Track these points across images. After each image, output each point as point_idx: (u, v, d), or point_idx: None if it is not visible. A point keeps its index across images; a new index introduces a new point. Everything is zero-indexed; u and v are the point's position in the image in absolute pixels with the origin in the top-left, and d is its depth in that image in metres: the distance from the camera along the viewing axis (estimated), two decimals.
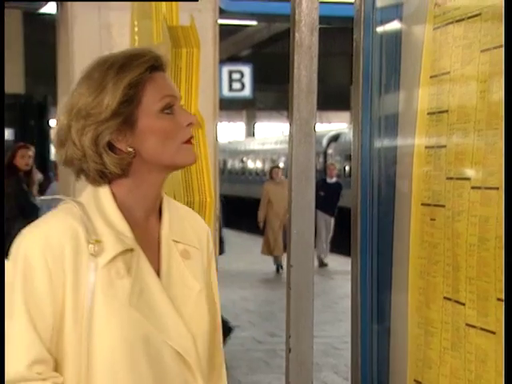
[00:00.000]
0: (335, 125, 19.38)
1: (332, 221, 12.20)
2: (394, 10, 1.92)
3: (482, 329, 1.53)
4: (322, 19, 2.38)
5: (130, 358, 1.35)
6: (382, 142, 2.00)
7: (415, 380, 1.78)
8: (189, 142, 1.43)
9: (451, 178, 1.66)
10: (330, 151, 17.80)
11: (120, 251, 1.39)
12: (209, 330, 1.47)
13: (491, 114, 1.52)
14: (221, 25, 4.42)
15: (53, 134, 1.48)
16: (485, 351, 1.52)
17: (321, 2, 2.25)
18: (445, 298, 1.67)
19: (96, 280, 1.36)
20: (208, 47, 3.75)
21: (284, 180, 11.45)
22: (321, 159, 17.78)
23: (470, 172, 1.59)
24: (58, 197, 1.46)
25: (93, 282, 1.35)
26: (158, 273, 1.45)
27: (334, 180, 12.43)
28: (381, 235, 2.00)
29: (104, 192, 1.43)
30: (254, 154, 19.28)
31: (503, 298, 1.08)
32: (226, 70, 10.16)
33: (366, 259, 2.00)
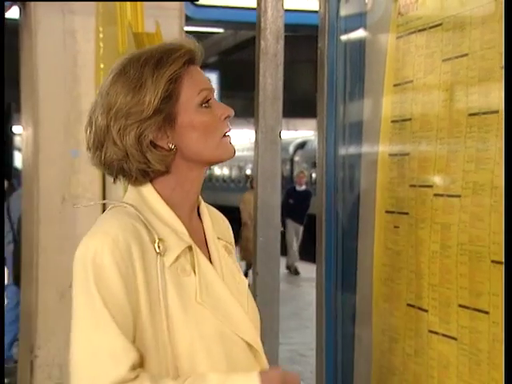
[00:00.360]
0: (302, 132, 19.47)
1: (301, 229, 12.24)
2: (358, 19, 1.94)
3: (444, 335, 1.54)
4: (288, 27, 2.40)
5: (208, 351, 1.35)
6: (346, 150, 2.01)
7: None
8: (226, 135, 1.42)
9: (414, 186, 1.68)
10: (296, 158, 17.87)
11: (183, 249, 1.38)
12: (260, 323, 1.49)
13: (453, 122, 1.54)
14: (187, 32, 4.41)
15: (88, 137, 1.41)
16: (447, 357, 1.53)
17: (286, 10, 2.26)
18: (408, 304, 1.68)
19: (166, 278, 1.34)
20: None
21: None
22: (287, 166, 17.83)
23: (432, 180, 1.61)
24: (105, 201, 1.43)
25: (163, 281, 1.34)
26: None
27: (303, 188, 12.48)
28: (345, 242, 2.01)
29: (149, 191, 1.41)
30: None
31: (503, 296, 1.08)
32: None
33: (331, 266, 2.01)
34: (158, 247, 1.35)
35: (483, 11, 1.45)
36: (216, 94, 1.46)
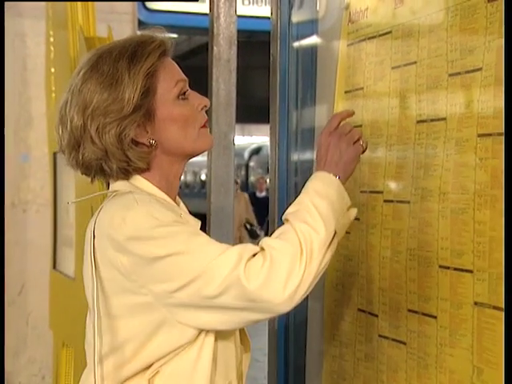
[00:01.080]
0: (257, 138, 19.51)
1: (262, 234, 12.28)
2: (310, 26, 1.95)
3: (394, 339, 1.56)
4: (243, 33, 2.40)
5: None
6: (299, 156, 2.02)
7: None
8: (205, 125, 1.40)
9: (365, 192, 1.69)
10: (251, 164, 17.91)
11: (200, 224, 1.39)
12: None
13: (402, 129, 1.56)
14: None
15: (61, 137, 1.38)
16: (396, 361, 1.55)
17: (239, 16, 2.26)
18: (359, 309, 1.70)
19: None
20: None
21: (240, 193, 11.11)
22: (243, 172, 17.85)
23: (382, 186, 1.62)
24: (101, 193, 1.41)
25: None
26: None
27: (263, 194, 12.49)
28: None
29: (139, 180, 1.38)
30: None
31: (503, 298, 1.09)
32: None
33: None
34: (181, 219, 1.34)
35: (431, 20, 1.48)
36: None
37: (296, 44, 2.00)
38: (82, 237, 1.38)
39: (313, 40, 1.97)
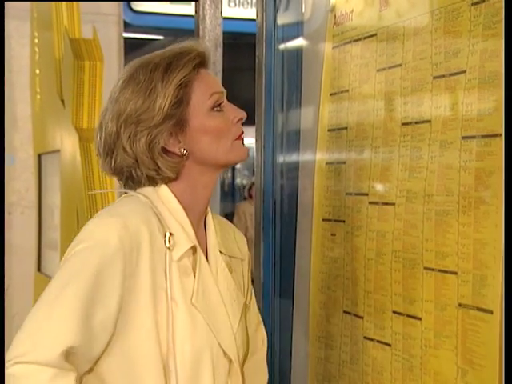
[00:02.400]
0: (244, 140, 19.54)
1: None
2: (296, 28, 1.95)
3: (379, 341, 1.56)
4: (228, 35, 2.40)
5: (198, 355, 1.33)
6: (284, 158, 2.02)
7: None
8: (239, 138, 1.41)
9: (350, 194, 1.69)
10: (238, 166, 17.94)
11: (190, 246, 1.37)
12: (246, 344, 1.47)
13: (387, 131, 1.56)
14: (126, 38, 4.38)
15: (98, 143, 1.39)
16: (381, 363, 1.55)
17: (225, 18, 2.26)
18: (344, 311, 1.70)
19: (173, 273, 1.33)
20: (113, 61, 3.70)
21: (243, 204, 10.81)
22: (229, 174, 17.87)
23: (367, 188, 1.63)
24: (119, 190, 1.41)
25: (170, 275, 1.32)
26: None
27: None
28: (283, 250, 2.01)
29: (164, 189, 1.39)
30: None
31: (503, 301, 1.09)
32: None
33: (269, 274, 2.01)
34: (169, 241, 1.34)
35: (416, 23, 1.48)
36: None
37: (281, 46, 2.01)
38: (66, 239, 1.37)
39: (298, 42, 1.97)
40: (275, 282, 2.02)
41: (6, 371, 1.22)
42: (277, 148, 2.03)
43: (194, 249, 1.38)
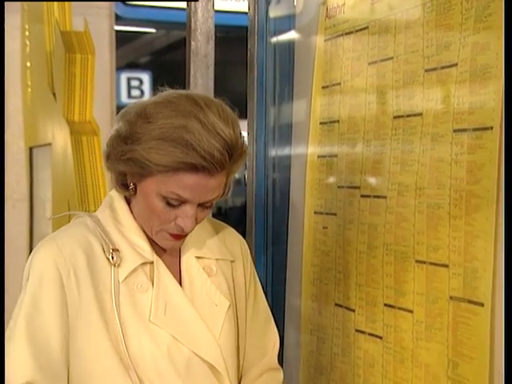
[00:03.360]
0: None
1: None
2: (288, 21, 1.95)
3: (370, 334, 1.57)
4: (220, 28, 2.39)
5: (156, 369, 1.32)
6: (276, 151, 2.02)
7: None
8: (172, 234, 1.35)
9: (342, 187, 1.69)
10: None
11: (140, 263, 1.35)
12: (235, 349, 1.45)
13: (379, 124, 1.56)
14: (118, 31, 4.36)
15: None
16: (372, 356, 1.56)
17: (217, 11, 2.25)
18: (336, 304, 1.70)
19: (120, 291, 1.32)
20: (104, 53, 3.69)
21: None
22: None
23: (359, 181, 1.63)
24: (71, 212, 1.40)
25: (116, 294, 1.31)
26: None
27: None
28: (275, 243, 2.02)
29: (120, 204, 1.39)
30: None
31: (503, 297, 1.09)
32: (124, 76, 10.04)
33: (261, 267, 2.02)
34: (112, 258, 1.33)
35: (407, 15, 1.48)
36: (149, 95, 1.43)
37: (273, 39, 2.00)
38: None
39: (290, 35, 1.97)
40: (267, 275, 2.02)
41: None
42: (269, 141, 2.03)
43: (151, 263, 1.37)
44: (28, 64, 3.60)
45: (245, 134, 2.03)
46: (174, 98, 1.32)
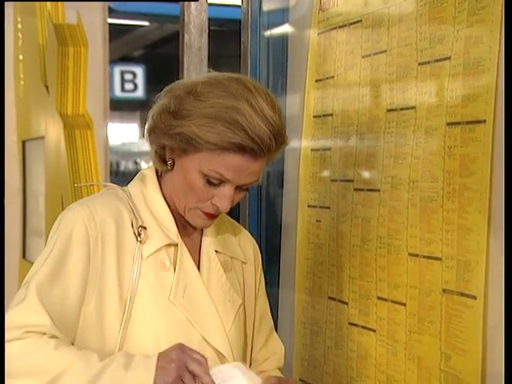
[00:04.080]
0: None
1: None
2: (281, 14, 1.95)
3: (364, 327, 1.57)
4: (214, 21, 2.39)
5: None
6: None
7: (300, 379, 1.80)
8: (205, 213, 1.35)
9: (335, 180, 1.70)
10: None
11: (165, 244, 1.35)
12: (243, 347, 1.45)
13: (372, 117, 1.56)
14: (111, 24, 4.34)
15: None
16: (365, 348, 1.56)
17: (210, 4, 2.25)
18: (329, 297, 1.70)
19: (141, 267, 1.33)
20: (97, 46, 3.67)
21: None
22: None
23: (353, 174, 1.63)
24: (102, 183, 1.39)
25: (137, 269, 1.32)
26: None
27: None
28: (269, 236, 2.02)
29: (151, 182, 1.40)
30: (148, 155, 18.97)
31: (503, 296, 1.10)
32: (117, 70, 10.00)
33: None
34: (139, 234, 1.34)
35: (401, 9, 1.48)
36: (142, 88, 1.43)
37: (267, 33, 2.00)
38: (51, 226, 1.37)
39: (284, 28, 1.97)
40: None
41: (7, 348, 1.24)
42: None
43: (175, 245, 1.38)
44: (20, 57, 3.58)
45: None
46: (224, 79, 1.33)
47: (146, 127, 1.41)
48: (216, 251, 1.44)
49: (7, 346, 1.24)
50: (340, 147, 1.68)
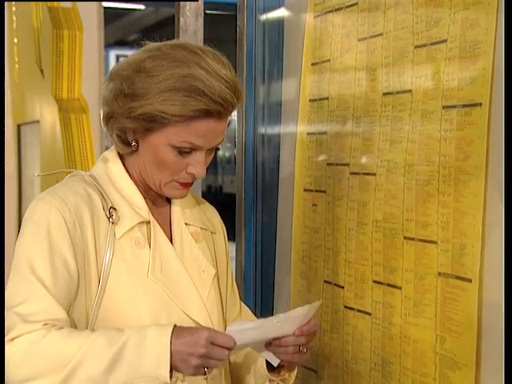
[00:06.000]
0: None
1: None
2: None
3: (359, 310, 1.58)
4: (210, 5, 2.37)
5: (155, 322, 1.31)
6: (266, 129, 2.01)
7: None
8: (182, 184, 1.36)
9: (331, 164, 1.69)
10: None
11: (138, 222, 1.36)
12: (221, 316, 1.46)
13: (368, 101, 1.56)
14: (107, 8, 4.32)
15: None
16: (361, 332, 1.57)
17: None
18: (325, 281, 1.71)
19: (115, 248, 1.33)
20: (92, 30, 3.65)
21: None
22: None
23: (348, 158, 1.63)
24: (65, 170, 1.38)
25: (110, 250, 1.32)
26: None
27: None
28: (265, 221, 2.02)
29: (116, 164, 1.39)
30: None
31: (504, 296, 1.10)
32: (113, 54, 9.96)
33: (250, 245, 2.02)
34: (111, 215, 1.34)
35: None
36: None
37: (263, 16, 1.99)
38: None
39: (280, 12, 1.96)
40: (256, 252, 2.02)
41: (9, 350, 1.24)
42: (258, 119, 2.02)
43: (147, 222, 1.38)
44: (15, 40, 3.56)
45: (234, 112, 2.02)
46: (168, 49, 1.33)
47: (101, 115, 1.39)
48: (186, 223, 1.45)
49: (19, 341, 1.24)
50: (336, 131, 1.68)
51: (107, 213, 1.34)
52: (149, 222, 1.38)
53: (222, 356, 1.25)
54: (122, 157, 1.41)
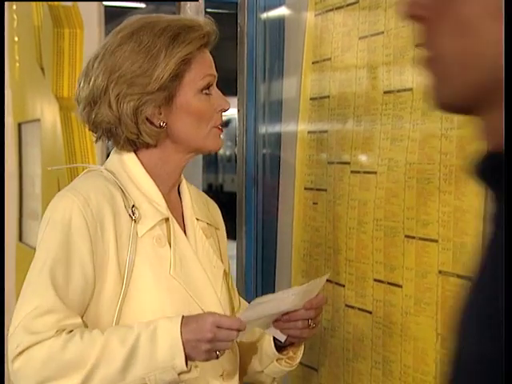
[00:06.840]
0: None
1: None
2: None
3: (360, 309, 1.58)
4: (210, 3, 2.37)
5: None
6: (266, 128, 2.01)
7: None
8: (218, 127, 1.40)
9: (332, 163, 1.69)
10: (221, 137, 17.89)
11: (159, 220, 1.36)
12: (233, 312, 1.47)
13: (369, 99, 1.56)
14: (107, 6, 4.31)
15: (80, 88, 1.36)
16: (362, 330, 1.57)
17: None
18: (326, 280, 1.70)
19: (138, 246, 1.33)
20: (93, 28, 3.65)
21: None
22: None
23: (349, 156, 1.63)
24: (82, 165, 1.38)
25: (133, 248, 1.32)
26: None
27: None
28: (266, 219, 2.02)
29: (131, 159, 1.38)
30: None
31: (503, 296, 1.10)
32: None
33: (251, 243, 2.02)
34: (133, 213, 1.33)
35: None
36: None
37: (264, 15, 1.99)
38: None
39: (280, 10, 1.96)
40: (257, 251, 2.02)
41: (14, 365, 1.25)
42: (259, 117, 2.02)
43: (166, 219, 1.38)
44: (16, 39, 3.56)
45: (235, 110, 2.01)
46: (139, 24, 1.37)
47: (123, 126, 1.36)
48: (197, 219, 1.45)
49: (38, 348, 1.24)
50: (337, 129, 1.68)
51: (129, 211, 1.33)
52: (168, 219, 1.38)
53: (230, 337, 1.26)
54: (134, 152, 1.41)
